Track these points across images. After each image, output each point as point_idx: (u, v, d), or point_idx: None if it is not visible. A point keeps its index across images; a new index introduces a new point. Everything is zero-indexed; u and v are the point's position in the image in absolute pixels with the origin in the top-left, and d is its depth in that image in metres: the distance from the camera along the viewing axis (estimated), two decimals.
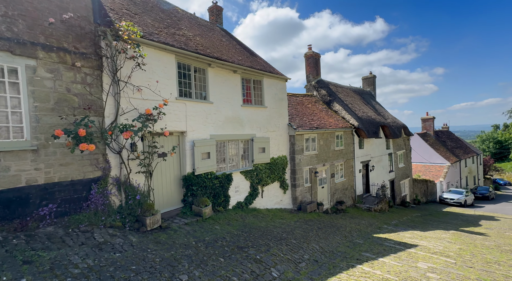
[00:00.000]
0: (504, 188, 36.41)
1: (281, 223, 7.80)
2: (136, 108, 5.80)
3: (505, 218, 16.66)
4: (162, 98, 6.28)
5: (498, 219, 15.96)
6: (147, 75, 6.16)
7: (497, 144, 50.71)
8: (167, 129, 6.59)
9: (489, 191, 26.81)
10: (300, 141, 11.23)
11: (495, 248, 7.93)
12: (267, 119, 10.07)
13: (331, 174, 12.84)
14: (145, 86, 6.06)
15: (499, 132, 55.01)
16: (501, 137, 51.57)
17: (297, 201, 10.99)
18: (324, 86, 16.34)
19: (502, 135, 52.08)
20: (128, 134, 4.85)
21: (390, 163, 18.29)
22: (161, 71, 6.51)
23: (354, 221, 10.20)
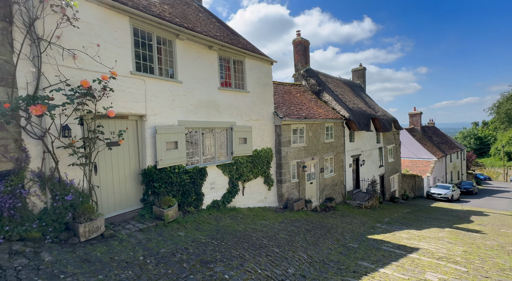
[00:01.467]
0: (484, 183, 37.12)
1: (263, 225, 6.59)
2: (69, 79, 4.34)
3: (493, 213, 16.33)
4: (110, 70, 4.84)
5: (487, 214, 15.57)
6: (88, 38, 4.70)
7: (478, 140, 51.97)
8: (120, 111, 5.17)
9: (473, 186, 26.92)
10: (287, 132, 10.04)
11: (499, 249, 7.11)
12: (250, 105, 8.78)
13: (320, 168, 11.78)
14: (84, 52, 4.59)
15: (479, 129, 56.49)
16: (481, 134, 52.91)
17: (283, 198, 9.84)
18: (313, 76, 15.21)
19: (482, 132, 53.46)
20: (39, 109, 3.42)
21: (380, 157, 17.53)
22: (108, 36, 5.05)
23: (346, 220, 9.17)
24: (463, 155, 34.49)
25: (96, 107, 4.54)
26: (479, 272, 5.02)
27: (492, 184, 35.79)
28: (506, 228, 11.09)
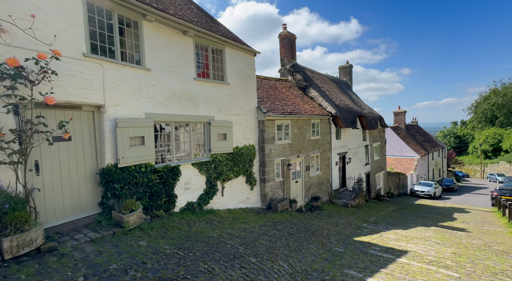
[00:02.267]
0: (463, 180, 38.35)
1: (242, 229, 5.95)
2: None
3: (474, 209, 16.56)
4: (50, 49, 3.99)
5: (468, 211, 15.74)
6: (23, 9, 3.84)
7: (457, 138, 53.87)
8: (69, 100, 4.35)
9: (453, 183, 27.56)
10: (270, 128, 9.44)
11: (487, 249, 6.86)
12: (230, 99, 8.09)
13: (306, 166, 11.29)
14: (15, 25, 3.74)
15: (458, 128, 58.58)
16: (460, 133, 54.86)
17: (267, 198, 9.24)
18: (300, 71, 14.70)
19: (461, 131, 55.46)
20: None
21: (366, 155, 17.35)
22: (54, 9, 4.20)
23: (332, 221, 8.71)
24: (444, 153, 35.41)
25: (32, 93, 3.70)
26: (472, 278, 4.64)
27: (470, 181, 37.03)
28: (488, 225, 11.07)
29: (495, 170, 39.31)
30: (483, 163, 41.57)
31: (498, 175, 34.09)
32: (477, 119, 49.43)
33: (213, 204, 7.42)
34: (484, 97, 47.33)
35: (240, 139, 8.50)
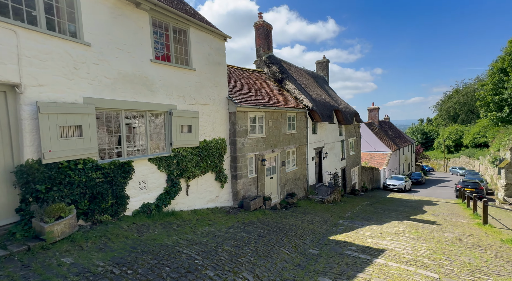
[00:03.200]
0: (429, 174, 40.65)
1: (206, 233, 5.17)
2: None
3: (441, 201, 17.23)
4: None
5: (436, 203, 16.31)
6: None
7: (424, 135, 57.13)
8: None
9: (421, 177, 28.89)
10: (243, 121, 8.68)
11: (459, 242, 6.75)
12: (196, 86, 7.20)
13: (281, 162, 10.72)
14: None
15: (425, 125, 62.21)
16: (426, 129, 58.25)
17: (239, 196, 8.52)
18: (276, 63, 14.06)
19: (427, 127, 58.93)
20: None
21: (342, 150, 17.29)
22: None
23: (307, 218, 8.22)
24: (413, 149, 37.17)
25: None
26: (451, 278, 4.30)
27: (435, 175, 39.34)
28: (456, 217, 11.34)
29: (456, 164, 42.17)
30: (446, 158, 44.43)
31: (459, 169, 36.50)
32: (441, 117, 52.70)
33: (176, 204, 6.53)
34: (448, 96, 50.52)
35: (209, 132, 7.65)
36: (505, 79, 20.49)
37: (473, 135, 37.45)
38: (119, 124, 5.33)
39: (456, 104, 47.58)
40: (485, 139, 33.28)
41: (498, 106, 21.36)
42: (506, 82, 20.31)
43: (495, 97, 21.36)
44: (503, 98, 20.77)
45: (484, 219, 9.26)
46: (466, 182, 19.74)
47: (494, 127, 24.36)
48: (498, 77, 21.35)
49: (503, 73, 21.04)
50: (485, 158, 27.51)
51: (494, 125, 22.80)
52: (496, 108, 21.51)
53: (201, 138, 7.35)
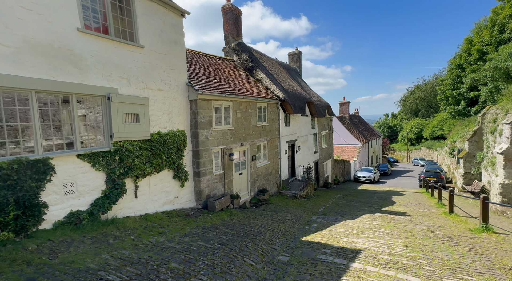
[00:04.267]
0: (394, 165, 42.96)
1: (151, 246, 4.13)
2: None
3: (407, 191, 17.80)
4: None
5: (403, 193, 16.77)
6: None
7: (389, 128, 60.50)
8: None
9: (388, 168, 30.16)
10: (206, 110, 7.63)
11: (432, 235, 6.51)
12: (146, 68, 5.98)
13: (251, 156, 9.88)
14: None
15: (390, 119, 65.87)
16: (391, 123, 61.71)
17: (203, 196, 7.52)
18: (246, 50, 13.08)
19: (392, 121, 62.45)
20: None
21: (315, 143, 16.99)
22: None
23: (278, 217, 7.50)
24: (380, 141, 38.84)
25: None
26: None
27: (399, 166, 41.67)
28: (423, 207, 11.50)
29: (418, 155, 45.13)
30: (409, 150, 47.38)
31: (420, 160, 39.00)
32: (404, 111, 56.04)
33: (120, 210, 5.35)
34: (410, 92, 53.74)
35: (164, 123, 6.50)
36: (462, 75, 21.78)
37: (432, 128, 40.16)
38: (29, 109, 4.01)
39: (417, 99, 50.76)
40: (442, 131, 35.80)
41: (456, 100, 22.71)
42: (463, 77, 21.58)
43: (453, 92, 22.66)
44: (460, 92, 22.08)
45: (450, 208, 9.34)
46: (428, 172, 20.74)
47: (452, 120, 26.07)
48: (456, 73, 22.65)
49: (460, 69, 22.36)
50: (442, 149, 29.52)
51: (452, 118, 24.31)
52: (454, 102, 22.86)
53: (154, 129, 6.18)
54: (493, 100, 17.52)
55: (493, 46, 18.42)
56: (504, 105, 12.59)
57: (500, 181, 10.44)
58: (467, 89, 21.05)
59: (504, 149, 10.35)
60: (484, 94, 18.02)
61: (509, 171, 10.28)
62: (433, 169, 21.83)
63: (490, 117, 14.19)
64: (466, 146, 16.14)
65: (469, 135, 15.98)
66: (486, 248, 5.42)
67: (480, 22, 21.16)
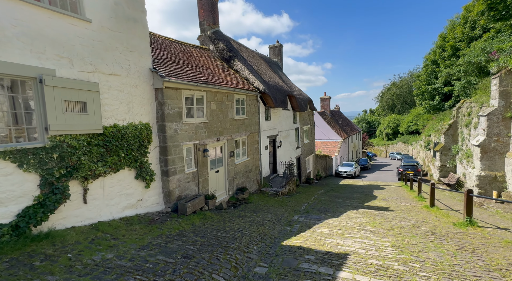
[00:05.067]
0: (373, 159, 44.11)
1: (92, 267, 3.23)
2: None
3: (387, 185, 17.95)
4: None
5: (383, 187, 16.84)
6: None
7: (368, 124, 62.28)
8: None
9: (367, 162, 30.69)
10: (175, 101, 6.71)
11: (418, 232, 6.16)
12: (95, 47, 4.95)
13: (229, 152, 9.08)
14: None
15: (368, 115, 67.79)
16: (370, 119, 63.51)
17: (172, 197, 6.63)
18: (223, 39, 12.16)
19: (370, 117, 64.29)
20: None
21: (297, 138, 16.51)
22: None
23: (257, 218, 6.81)
24: (360, 136, 39.59)
25: None
26: None
27: (378, 160, 42.86)
28: (404, 201, 11.39)
29: (394, 149, 46.72)
30: (386, 144, 48.95)
31: (397, 154, 40.33)
32: (382, 107, 57.79)
33: (62, 219, 4.35)
34: (387, 88, 55.44)
35: (122, 114, 5.51)
36: (437, 70, 22.38)
37: (407, 123, 41.62)
38: None
39: (393, 96, 52.44)
40: (416, 126, 37.14)
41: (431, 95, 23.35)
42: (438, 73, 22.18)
43: (428, 87, 23.26)
44: (435, 87, 22.70)
45: (431, 202, 9.21)
46: (406, 166, 21.16)
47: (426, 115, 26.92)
48: (431, 68, 23.24)
49: (435, 65, 22.97)
50: (417, 144, 30.55)
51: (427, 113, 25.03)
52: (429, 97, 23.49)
53: (108, 121, 5.19)
54: (466, 95, 18.06)
55: (465, 42, 19.03)
56: (479, 98, 12.82)
57: (477, 173, 10.53)
58: (442, 84, 21.68)
59: (480, 141, 10.42)
60: (458, 89, 18.55)
61: (485, 162, 10.39)
62: (410, 163, 22.34)
63: (464, 110, 14.50)
64: (442, 139, 16.49)
65: (445, 129, 16.32)
66: (475, 244, 5.11)
67: (453, 19, 21.87)
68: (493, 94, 10.33)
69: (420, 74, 25.22)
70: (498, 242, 5.27)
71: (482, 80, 14.08)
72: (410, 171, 19.62)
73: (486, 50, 14.12)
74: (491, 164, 10.33)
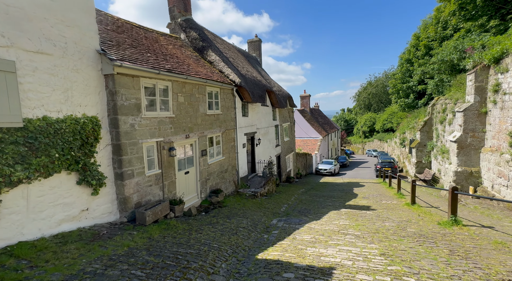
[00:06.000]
0: (351, 157, 45.02)
1: None
2: None
3: (366, 182, 17.92)
4: None
5: (363, 184, 16.73)
6: None
7: (346, 122, 63.77)
8: None
9: (346, 160, 31.02)
10: (131, 90, 5.63)
11: (404, 234, 5.68)
12: (11, 15, 3.77)
13: (201, 151, 8.12)
14: None
15: (346, 113, 69.47)
16: (347, 117, 65.08)
17: (129, 204, 5.56)
18: (196, 28, 11.11)
19: (348, 116, 65.91)
20: None
21: (277, 136, 15.85)
22: None
23: (230, 226, 5.95)
24: (338, 134, 40.12)
25: None
26: None
27: (355, 157, 43.81)
28: (384, 198, 11.14)
29: (371, 147, 48.10)
30: (363, 142, 50.28)
31: (373, 151, 41.46)
32: (359, 106, 59.39)
33: None
34: (364, 88, 57.04)
35: (55, 104, 4.37)
36: (411, 69, 22.92)
37: (383, 121, 42.93)
38: None
39: (369, 95, 54.01)
40: (391, 124, 38.35)
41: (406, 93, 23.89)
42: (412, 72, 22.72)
43: (403, 85, 23.78)
44: (409, 86, 23.23)
45: (412, 199, 8.93)
46: (383, 162, 21.42)
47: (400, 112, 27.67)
48: (405, 67, 23.78)
49: (409, 64, 23.52)
50: (392, 141, 31.43)
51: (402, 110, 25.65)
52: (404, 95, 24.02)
53: (34, 113, 4.04)
54: (439, 92, 18.53)
55: (438, 41, 19.60)
56: (453, 94, 12.96)
57: (454, 169, 10.51)
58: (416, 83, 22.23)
59: (457, 137, 10.40)
60: (431, 87, 19.02)
61: (461, 158, 10.38)
62: (387, 160, 22.70)
63: (439, 107, 14.71)
64: (418, 136, 16.72)
65: (420, 126, 16.54)
66: (466, 248, 4.66)
67: (426, 19, 22.54)
68: (469, 90, 10.33)
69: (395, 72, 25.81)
70: (488, 243, 4.89)
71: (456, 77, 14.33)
72: (388, 168, 19.83)
73: (459, 48, 14.38)
74: (467, 159, 10.34)
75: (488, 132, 9.72)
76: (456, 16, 15.80)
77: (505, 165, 8.38)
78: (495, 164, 8.94)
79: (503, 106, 8.69)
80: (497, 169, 8.86)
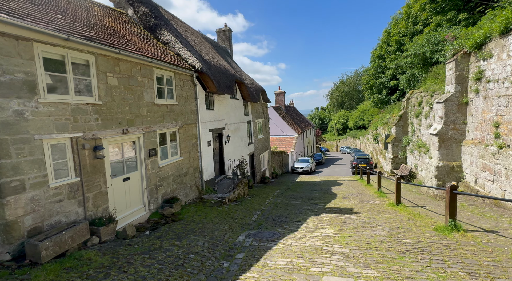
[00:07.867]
0: (326, 154, 45.16)
1: None
2: None
3: (343, 180, 17.14)
4: None
5: (340, 182, 15.88)
6: None
7: (320, 120, 64.46)
8: None
9: (322, 157, 30.58)
10: (15, 59, 3.68)
11: (403, 250, 4.49)
12: None
13: (148, 150, 6.28)
14: None
15: (320, 112, 70.42)
16: (322, 115, 65.89)
17: (17, 232, 3.61)
18: (147, 4, 9.15)
19: (322, 114, 66.79)
20: None
21: (249, 133, 14.33)
22: None
23: (178, 253, 4.25)
24: (314, 132, 39.85)
25: None
26: None
27: (330, 154, 44.00)
28: (366, 198, 10.15)
29: (345, 144, 48.80)
30: (337, 139, 50.90)
31: (347, 148, 41.91)
32: (332, 104, 60.29)
33: None
34: (336, 86, 57.97)
35: None
36: (383, 65, 22.84)
37: (355, 119, 43.60)
38: None
39: (342, 93, 54.95)
40: (363, 122, 38.94)
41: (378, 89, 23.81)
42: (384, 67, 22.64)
43: (376, 81, 23.67)
44: (381, 82, 23.14)
45: (397, 199, 7.94)
46: (359, 159, 20.98)
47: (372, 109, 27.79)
48: (378, 63, 23.70)
49: (381, 59, 23.46)
50: (364, 137, 31.65)
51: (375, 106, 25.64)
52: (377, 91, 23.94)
53: None
54: (411, 87, 18.38)
55: (409, 36, 19.61)
56: (429, 86, 12.47)
57: (435, 164, 9.82)
58: (388, 79, 22.20)
59: (438, 130, 9.72)
60: (403, 82, 18.88)
61: (443, 152, 9.72)
62: (363, 156, 22.37)
63: (414, 101, 14.30)
64: (393, 131, 16.31)
65: (396, 120, 16.13)
66: (485, 267, 3.53)
67: (396, 15, 22.68)
68: (449, 80, 9.70)
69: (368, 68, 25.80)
70: (507, 257, 3.81)
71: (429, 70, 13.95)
72: (364, 164, 19.37)
73: (431, 41, 14.05)
74: (448, 153, 9.70)
75: (470, 124, 9.11)
76: (427, 9, 15.57)
77: (490, 158, 7.70)
78: (479, 158, 8.28)
79: (486, 95, 8.03)
80: (481, 163, 8.19)
